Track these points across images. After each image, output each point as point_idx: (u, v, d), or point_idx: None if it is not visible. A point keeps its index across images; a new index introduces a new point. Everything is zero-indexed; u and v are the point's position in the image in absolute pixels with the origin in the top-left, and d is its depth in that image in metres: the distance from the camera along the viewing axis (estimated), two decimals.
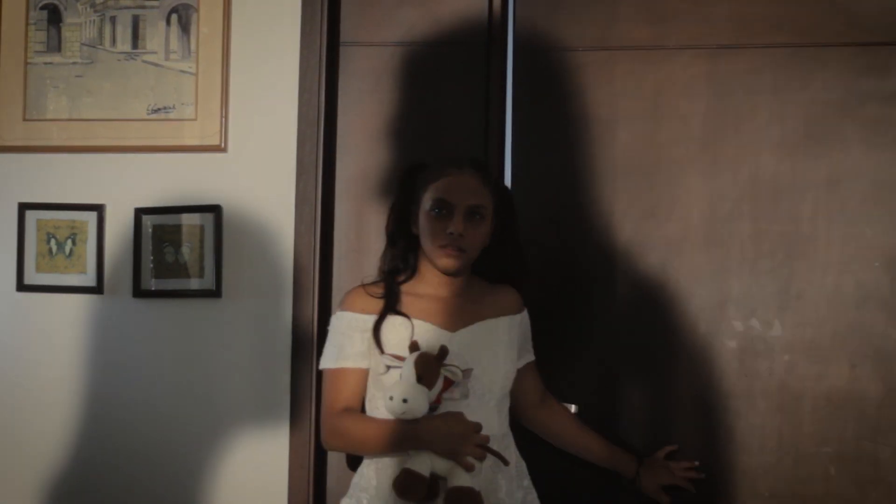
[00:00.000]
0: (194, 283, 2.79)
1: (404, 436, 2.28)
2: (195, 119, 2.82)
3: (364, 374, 2.39)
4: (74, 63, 2.86)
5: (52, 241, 2.83)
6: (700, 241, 2.75)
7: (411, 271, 2.48)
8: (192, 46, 2.82)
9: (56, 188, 2.85)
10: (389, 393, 2.27)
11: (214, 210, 2.78)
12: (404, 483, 2.25)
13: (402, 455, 2.31)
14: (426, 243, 2.41)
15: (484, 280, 2.53)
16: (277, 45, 2.81)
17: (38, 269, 2.84)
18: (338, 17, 2.85)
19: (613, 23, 2.79)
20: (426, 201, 2.41)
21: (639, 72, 2.78)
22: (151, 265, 2.80)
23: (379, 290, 2.43)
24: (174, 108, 2.82)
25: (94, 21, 2.86)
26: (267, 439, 2.75)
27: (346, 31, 2.85)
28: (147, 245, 2.81)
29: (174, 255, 2.80)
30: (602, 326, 2.77)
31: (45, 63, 2.87)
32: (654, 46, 2.78)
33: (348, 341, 2.39)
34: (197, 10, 2.83)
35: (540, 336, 2.75)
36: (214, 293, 2.78)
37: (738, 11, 2.76)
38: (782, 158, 2.74)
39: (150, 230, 2.80)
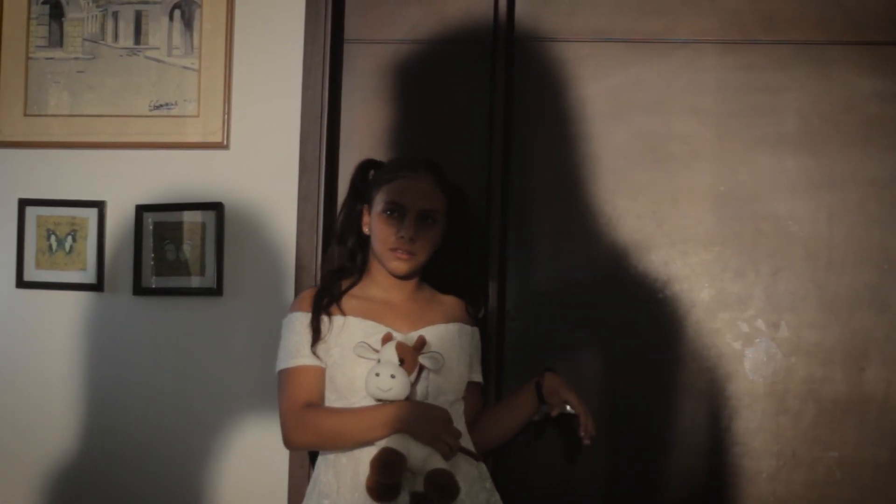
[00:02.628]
0: (195, 281, 2.77)
1: (385, 417, 2.24)
2: (197, 116, 2.80)
3: (322, 371, 2.35)
4: (76, 58, 2.85)
5: (53, 238, 2.82)
6: (704, 240, 2.73)
7: (359, 273, 2.45)
8: (195, 42, 2.81)
9: (57, 184, 2.84)
10: (375, 370, 2.25)
11: (216, 207, 2.77)
12: (384, 459, 2.20)
13: (362, 454, 2.27)
14: (377, 245, 2.40)
15: (433, 288, 2.50)
16: (281, 42, 2.80)
17: (38, 265, 2.82)
18: (342, 14, 2.84)
19: (618, 14, 2.78)
20: (378, 202, 2.39)
21: (644, 65, 2.77)
22: (152, 263, 2.79)
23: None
24: (176, 104, 2.81)
25: (96, 16, 2.85)
26: (267, 438, 2.73)
27: (350, 28, 2.84)
28: (148, 242, 2.79)
29: (175, 252, 2.78)
30: (604, 326, 2.75)
31: (47, 58, 2.85)
32: (659, 40, 2.77)
33: (303, 339, 2.35)
34: (200, 6, 2.81)
35: (541, 336, 2.74)
36: (215, 291, 2.76)
37: (745, 7, 2.75)
38: (785, 157, 2.73)
39: (151, 227, 2.79)
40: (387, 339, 2.30)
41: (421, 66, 2.83)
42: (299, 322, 2.37)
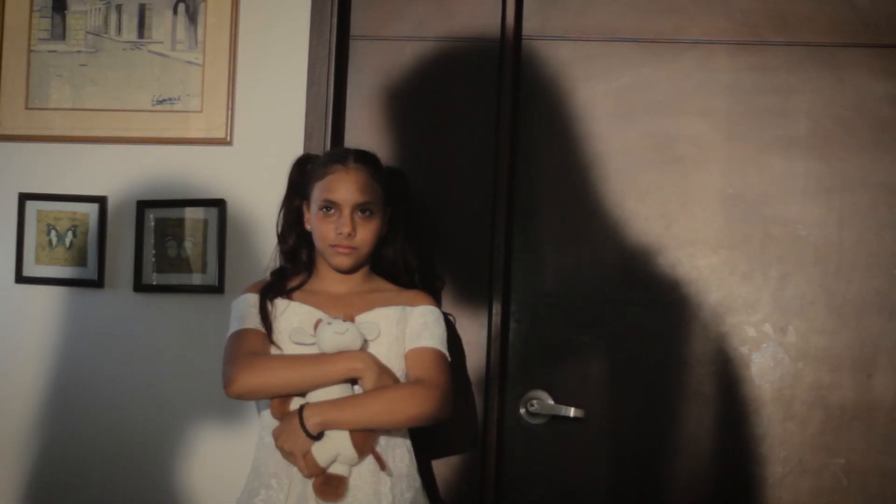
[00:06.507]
0: (196, 279, 2.76)
1: (345, 360, 2.26)
2: (201, 111, 2.78)
3: (267, 339, 2.35)
4: (79, 52, 2.83)
5: (53, 233, 2.80)
6: (712, 243, 2.71)
7: (307, 271, 2.47)
8: (199, 37, 2.79)
9: (57, 179, 2.82)
10: (326, 322, 2.28)
11: (218, 204, 2.75)
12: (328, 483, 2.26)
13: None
14: (318, 242, 2.42)
15: (393, 284, 2.50)
16: (286, 38, 2.78)
17: (38, 260, 2.81)
18: (348, 9, 2.82)
19: (628, 13, 2.76)
20: (314, 200, 2.41)
21: (654, 65, 2.75)
22: (153, 259, 2.77)
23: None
24: (179, 99, 2.79)
25: (99, 9, 2.83)
26: None
27: (357, 24, 2.82)
28: (149, 239, 2.77)
29: (176, 249, 2.77)
30: (610, 329, 2.73)
31: (49, 51, 2.84)
32: (669, 40, 2.75)
33: (253, 312, 2.37)
34: (205, 1, 2.79)
35: (546, 338, 2.72)
36: (217, 289, 2.75)
37: (756, 8, 2.73)
38: (796, 160, 2.70)
39: (153, 223, 2.77)
40: (317, 324, 2.32)
41: (427, 64, 2.81)
42: (248, 301, 2.40)
